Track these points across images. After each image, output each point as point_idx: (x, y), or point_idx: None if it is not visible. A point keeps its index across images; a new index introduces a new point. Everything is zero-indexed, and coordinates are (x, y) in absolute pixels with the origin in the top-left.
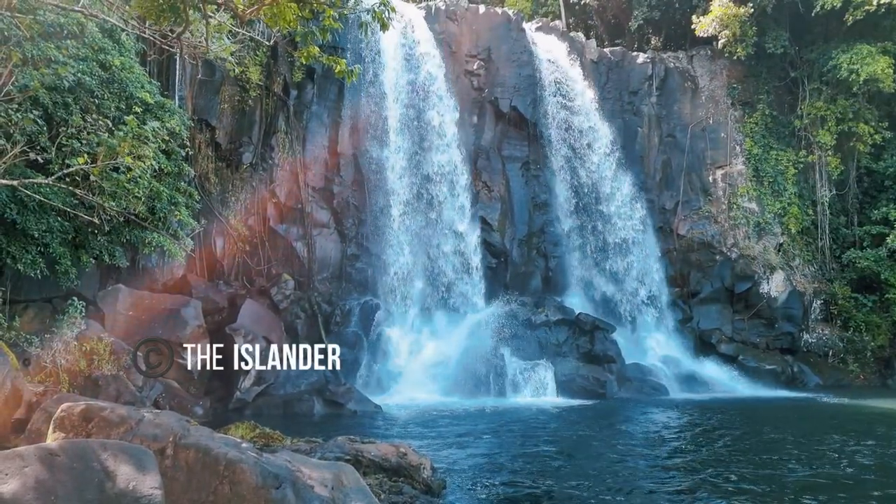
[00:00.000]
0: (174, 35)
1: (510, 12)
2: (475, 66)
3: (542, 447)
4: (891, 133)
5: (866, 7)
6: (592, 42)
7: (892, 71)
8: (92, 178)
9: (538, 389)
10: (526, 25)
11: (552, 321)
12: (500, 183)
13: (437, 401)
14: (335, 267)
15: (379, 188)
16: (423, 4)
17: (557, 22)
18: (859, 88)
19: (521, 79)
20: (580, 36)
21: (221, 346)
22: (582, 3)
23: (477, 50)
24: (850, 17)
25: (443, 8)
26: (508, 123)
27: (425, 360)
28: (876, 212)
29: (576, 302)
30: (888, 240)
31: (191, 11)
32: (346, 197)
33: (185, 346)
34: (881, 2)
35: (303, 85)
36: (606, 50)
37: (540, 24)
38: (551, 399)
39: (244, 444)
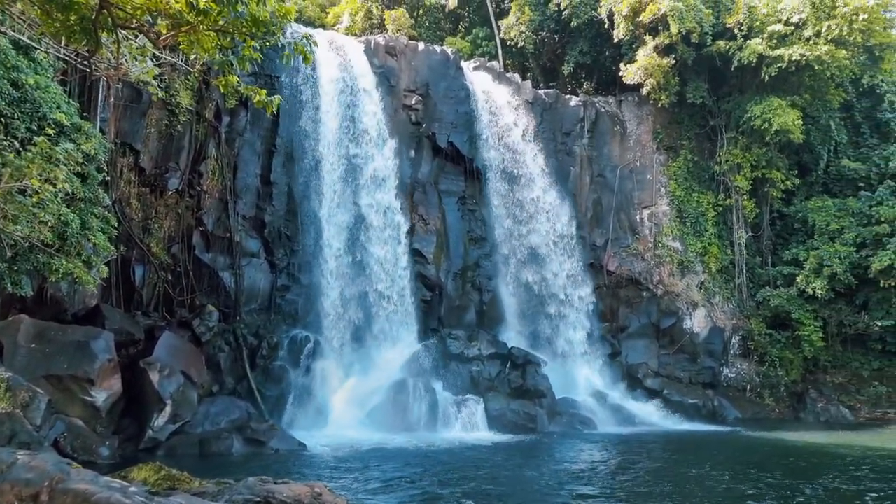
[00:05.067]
0: (90, 57)
1: (449, 51)
2: (413, 101)
3: (469, 486)
4: (800, 180)
5: (779, 64)
6: (528, 83)
7: (800, 122)
8: None
9: (469, 424)
10: (464, 64)
11: (485, 355)
12: (437, 216)
13: (367, 437)
14: (264, 298)
15: (312, 218)
16: (363, 38)
17: (494, 63)
18: (771, 138)
19: (458, 115)
20: (516, 77)
21: (134, 381)
22: (518, 45)
23: (416, 85)
24: (766, 75)
25: (382, 43)
26: (445, 158)
27: (355, 396)
28: (787, 253)
29: (509, 336)
30: (798, 280)
31: (104, 34)
32: (278, 226)
33: (92, 381)
34: (792, 59)
35: (236, 112)
36: (541, 91)
37: (478, 63)
38: (482, 434)
39: (132, 489)
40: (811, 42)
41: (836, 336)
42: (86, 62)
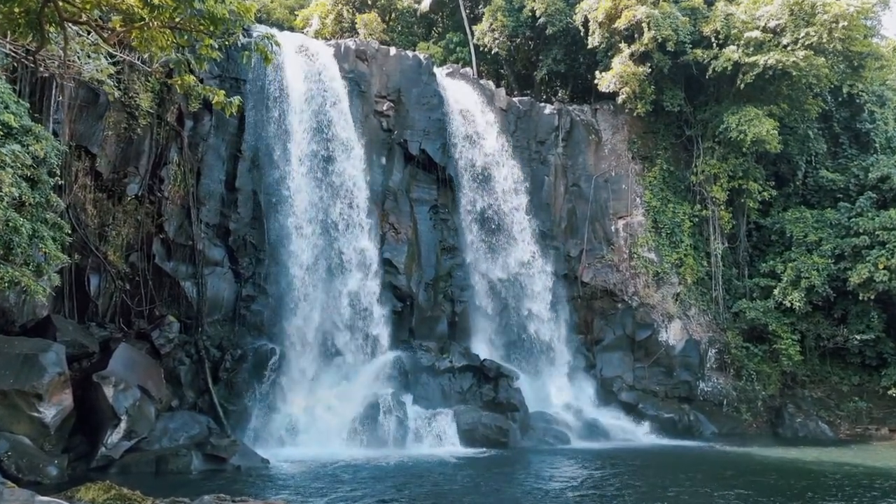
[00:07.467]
0: (36, 52)
1: (421, 56)
2: (385, 108)
3: None
4: (777, 191)
5: (755, 71)
6: (502, 90)
7: (776, 132)
8: None
9: (440, 439)
10: (437, 70)
11: (456, 368)
12: (408, 225)
13: (333, 453)
14: (228, 308)
15: (279, 226)
16: (333, 42)
17: (468, 69)
18: (748, 148)
19: (430, 122)
20: (490, 84)
21: (87, 396)
22: (492, 52)
23: (387, 91)
24: (742, 82)
25: (353, 47)
26: (417, 166)
27: (322, 410)
28: (764, 265)
29: (482, 348)
30: (775, 292)
31: (52, 29)
32: (243, 234)
33: (41, 396)
34: (767, 64)
35: (200, 115)
36: (515, 99)
37: (451, 69)
38: (453, 449)
39: None
40: (789, 49)
41: (814, 350)
42: (32, 58)
